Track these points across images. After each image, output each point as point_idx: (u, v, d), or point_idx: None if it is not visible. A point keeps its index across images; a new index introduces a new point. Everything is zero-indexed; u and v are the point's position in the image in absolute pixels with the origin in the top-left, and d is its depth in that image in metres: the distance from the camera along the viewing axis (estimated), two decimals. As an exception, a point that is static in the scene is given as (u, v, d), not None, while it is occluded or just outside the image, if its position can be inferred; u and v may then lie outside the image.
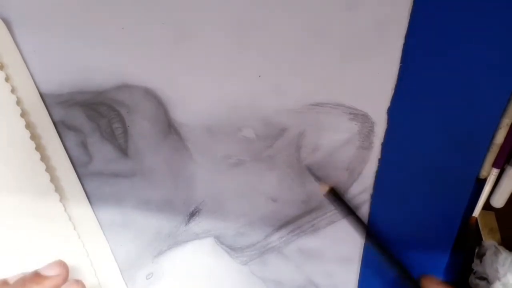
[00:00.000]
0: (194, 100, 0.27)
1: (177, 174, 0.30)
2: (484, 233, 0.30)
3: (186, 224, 0.32)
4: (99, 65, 0.26)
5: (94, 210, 0.30)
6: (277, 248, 0.32)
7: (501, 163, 0.27)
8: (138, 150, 0.29)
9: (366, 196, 0.29)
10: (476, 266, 0.30)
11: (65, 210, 0.28)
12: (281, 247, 0.32)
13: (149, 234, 0.32)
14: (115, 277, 0.32)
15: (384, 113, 0.26)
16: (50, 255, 0.28)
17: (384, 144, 0.27)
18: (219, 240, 0.32)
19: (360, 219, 0.28)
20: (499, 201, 0.28)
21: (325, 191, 0.28)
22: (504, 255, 0.29)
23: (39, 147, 0.26)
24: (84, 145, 0.28)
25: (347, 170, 0.28)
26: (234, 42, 0.25)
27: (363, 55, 0.24)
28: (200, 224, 0.32)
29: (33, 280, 0.26)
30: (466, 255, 0.31)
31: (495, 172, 0.27)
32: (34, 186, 0.27)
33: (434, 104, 0.25)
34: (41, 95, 0.26)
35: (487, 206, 0.29)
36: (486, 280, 0.29)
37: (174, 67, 0.26)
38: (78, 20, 0.24)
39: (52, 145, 0.27)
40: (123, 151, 0.29)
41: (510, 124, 0.25)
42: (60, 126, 0.27)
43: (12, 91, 0.25)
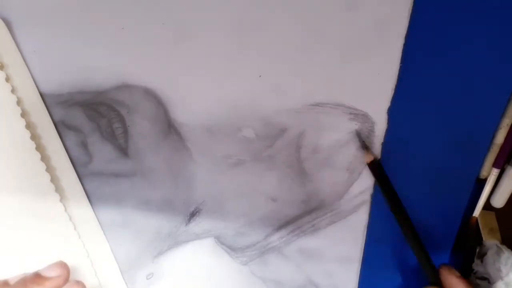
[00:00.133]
0: (194, 100, 0.27)
1: (177, 174, 0.30)
2: (484, 233, 0.30)
3: (186, 224, 0.32)
4: (99, 65, 0.26)
5: (94, 210, 0.30)
6: (277, 248, 0.32)
7: (501, 163, 0.27)
8: (138, 150, 0.29)
9: (366, 196, 0.29)
10: (477, 266, 0.30)
11: (65, 210, 0.28)
12: (281, 247, 0.32)
13: (149, 234, 0.32)
14: (115, 277, 0.32)
15: (384, 113, 0.26)
16: (50, 255, 0.28)
17: (384, 144, 0.27)
18: (219, 240, 0.32)
19: (397, 196, 0.28)
20: (499, 201, 0.28)
21: (369, 160, 0.28)
22: (507, 254, 0.29)
23: (39, 147, 0.26)
24: (84, 145, 0.28)
25: (347, 170, 0.28)
26: (234, 42, 0.25)
27: (363, 55, 0.24)
28: (200, 224, 0.32)
29: (34, 281, 0.26)
30: (466, 255, 0.31)
31: (495, 172, 0.27)
32: (34, 186, 0.27)
33: (434, 104, 0.25)
34: (41, 95, 0.26)
35: (488, 206, 0.29)
36: (487, 280, 0.29)
37: (174, 67, 0.26)
38: (78, 20, 0.24)
39: (52, 145, 0.27)
40: (123, 151, 0.29)
41: (510, 124, 0.25)
42: (60, 126, 0.27)
43: (12, 91, 0.25)
